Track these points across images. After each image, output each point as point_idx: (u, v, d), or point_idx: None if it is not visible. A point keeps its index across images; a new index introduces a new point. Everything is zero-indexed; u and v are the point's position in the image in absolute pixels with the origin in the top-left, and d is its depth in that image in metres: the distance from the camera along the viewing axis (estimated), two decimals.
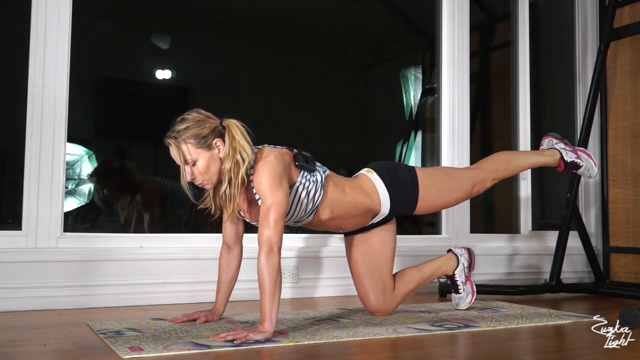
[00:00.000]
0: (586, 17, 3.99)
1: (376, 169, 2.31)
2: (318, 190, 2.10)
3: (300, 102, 3.63)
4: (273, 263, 1.87)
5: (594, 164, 2.54)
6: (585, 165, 2.52)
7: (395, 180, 2.28)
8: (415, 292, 2.45)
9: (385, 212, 2.28)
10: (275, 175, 1.95)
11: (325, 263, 3.02)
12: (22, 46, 2.55)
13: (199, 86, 3.42)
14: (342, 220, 2.22)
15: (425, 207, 2.34)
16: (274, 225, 1.90)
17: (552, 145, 2.54)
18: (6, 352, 1.69)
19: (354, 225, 2.28)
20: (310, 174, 2.09)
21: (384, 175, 2.28)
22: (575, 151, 2.52)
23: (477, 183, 2.40)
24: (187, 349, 1.70)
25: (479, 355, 1.83)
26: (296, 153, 2.10)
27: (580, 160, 2.51)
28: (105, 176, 3.10)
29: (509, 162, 2.48)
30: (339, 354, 1.74)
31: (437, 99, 3.57)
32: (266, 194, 1.93)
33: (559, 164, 2.51)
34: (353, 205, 2.20)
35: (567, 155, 2.50)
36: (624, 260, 3.65)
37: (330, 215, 2.17)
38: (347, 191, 2.19)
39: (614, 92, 3.74)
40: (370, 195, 2.24)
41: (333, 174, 2.22)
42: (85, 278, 2.53)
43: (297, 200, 2.07)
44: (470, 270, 2.56)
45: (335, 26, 3.76)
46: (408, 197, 2.29)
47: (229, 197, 1.99)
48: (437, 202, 2.36)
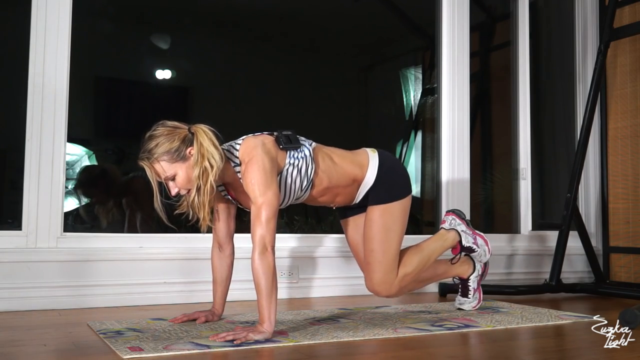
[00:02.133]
0: (586, 17, 3.99)
1: (381, 153, 2.30)
2: (309, 165, 2.09)
3: (300, 102, 3.63)
4: (267, 262, 1.87)
5: (487, 250, 2.49)
6: (479, 252, 2.48)
7: (390, 173, 2.26)
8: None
9: (368, 183, 2.23)
10: (265, 173, 1.93)
11: (324, 263, 3.02)
12: (22, 46, 2.55)
13: (199, 86, 3.43)
14: (335, 190, 2.20)
15: (378, 217, 2.25)
16: (266, 224, 1.90)
17: (454, 225, 2.48)
18: (6, 352, 1.69)
19: (344, 197, 2.25)
20: (297, 151, 2.08)
21: (383, 162, 2.26)
22: (474, 235, 2.48)
23: (399, 268, 2.27)
24: (187, 349, 1.70)
25: (479, 355, 1.83)
26: (277, 136, 2.07)
27: (475, 246, 2.46)
28: (90, 185, 3.08)
29: (419, 262, 2.33)
30: (339, 354, 1.74)
31: (437, 99, 3.57)
32: (256, 193, 1.92)
33: (456, 246, 2.47)
34: (342, 174, 2.19)
35: (465, 239, 2.46)
36: (624, 260, 3.65)
37: (326, 184, 2.16)
38: (335, 160, 2.19)
39: (614, 92, 3.74)
40: (360, 167, 2.23)
41: (320, 145, 2.21)
42: (85, 278, 2.53)
43: (290, 181, 2.06)
44: (482, 278, 2.57)
45: (335, 26, 3.76)
46: (385, 193, 2.25)
47: (198, 206, 1.95)
48: (383, 231, 2.25)
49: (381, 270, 2.23)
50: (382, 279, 2.23)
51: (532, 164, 3.76)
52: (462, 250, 2.47)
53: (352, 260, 3.08)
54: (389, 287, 2.24)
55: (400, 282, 2.27)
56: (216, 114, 3.36)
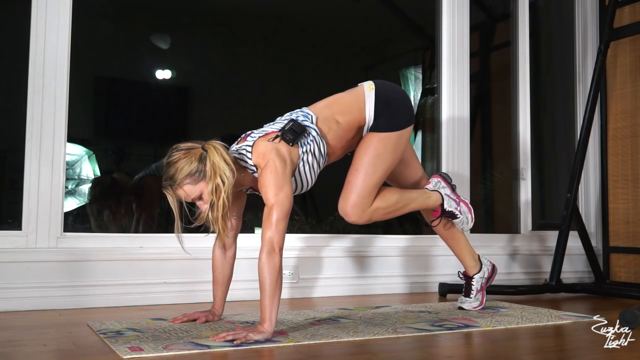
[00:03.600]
0: (586, 17, 3.99)
1: (379, 86, 2.28)
2: (320, 143, 2.13)
3: (300, 102, 3.62)
4: (274, 263, 1.87)
5: (470, 218, 2.48)
6: (461, 219, 2.46)
7: (388, 105, 2.26)
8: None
9: (370, 121, 2.24)
10: (277, 176, 1.96)
11: (325, 263, 3.02)
12: (22, 46, 2.55)
13: (199, 86, 3.42)
14: (346, 143, 2.24)
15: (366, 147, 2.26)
16: (276, 225, 1.91)
17: (438, 187, 2.47)
18: (6, 352, 1.69)
19: (356, 141, 2.28)
20: (304, 136, 2.09)
21: (380, 96, 2.25)
22: (458, 201, 2.47)
23: (375, 200, 2.28)
24: (187, 349, 1.70)
25: (479, 355, 1.83)
26: (282, 135, 2.06)
27: (458, 213, 2.45)
28: (104, 197, 3.10)
29: (396, 202, 2.34)
30: (339, 354, 1.74)
31: (437, 99, 3.57)
32: (269, 195, 1.95)
33: (437, 209, 2.46)
34: (348, 129, 2.22)
35: (448, 203, 2.44)
36: (624, 260, 3.65)
37: (339, 147, 2.22)
38: (339, 119, 2.20)
39: (614, 92, 3.74)
40: (360, 111, 2.23)
41: (320, 108, 2.22)
42: (85, 278, 2.53)
43: (308, 167, 2.11)
44: (487, 283, 2.57)
45: (335, 26, 3.75)
46: (384, 124, 2.25)
47: (212, 220, 1.96)
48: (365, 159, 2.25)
49: (358, 193, 2.22)
50: (356, 201, 2.22)
51: (532, 164, 3.76)
52: (442, 214, 2.45)
53: (353, 260, 3.09)
54: (360, 212, 2.24)
55: (372, 213, 2.27)
56: (216, 114, 3.36)
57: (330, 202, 2.62)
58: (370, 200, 2.25)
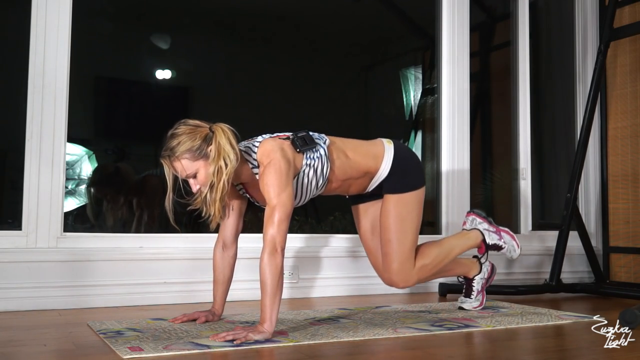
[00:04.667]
0: (586, 17, 3.99)
1: (397, 145, 2.30)
2: (325, 164, 2.11)
3: (300, 102, 3.63)
4: (276, 263, 1.87)
5: (516, 245, 2.48)
6: (507, 247, 2.47)
7: (404, 164, 2.26)
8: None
9: (382, 174, 2.25)
10: (281, 175, 1.95)
11: (324, 263, 3.02)
12: (22, 46, 2.55)
13: (199, 86, 3.42)
14: (349, 182, 2.23)
15: (392, 208, 2.27)
16: (279, 225, 1.91)
17: (475, 225, 2.48)
18: (6, 352, 1.69)
19: (357, 187, 2.28)
20: (313, 151, 2.09)
21: (397, 153, 2.26)
22: (498, 232, 2.48)
23: (417, 259, 2.28)
24: (187, 349, 1.70)
25: (479, 355, 1.83)
26: (293, 139, 2.07)
27: (502, 242, 2.46)
28: (103, 183, 3.09)
29: (437, 255, 2.34)
30: (339, 354, 1.74)
31: (437, 99, 3.57)
32: (271, 194, 1.94)
33: (480, 246, 2.47)
34: (356, 168, 2.21)
35: (489, 237, 2.46)
36: (624, 260, 3.65)
37: (340, 179, 2.19)
38: (349, 155, 2.20)
39: (614, 92, 3.74)
40: (375, 158, 2.24)
41: (334, 139, 2.22)
42: (85, 278, 2.53)
43: (307, 181, 2.09)
44: (487, 283, 2.57)
45: (335, 26, 3.75)
46: (399, 184, 2.25)
47: (210, 202, 1.97)
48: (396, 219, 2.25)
49: (398, 260, 2.24)
50: (399, 268, 2.24)
51: (532, 164, 3.76)
52: (487, 249, 2.47)
53: (353, 260, 3.08)
54: (407, 277, 2.25)
55: (419, 273, 2.28)
56: (216, 114, 3.33)
57: (331, 202, 2.63)
58: (411, 263, 2.26)
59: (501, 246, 2.47)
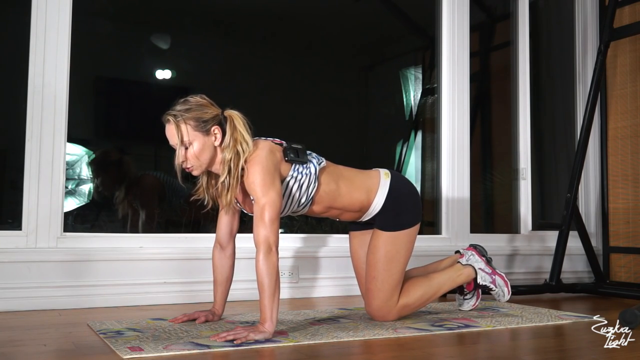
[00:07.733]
0: (586, 17, 3.99)
1: (394, 178, 2.25)
2: (312, 183, 2.08)
3: (300, 102, 3.63)
4: (272, 263, 1.87)
5: (507, 291, 2.41)
6: (497, 291, 2.41)
7: (399, 200, 2.22)
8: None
9: (375, 209, 2.21)
10: (267, 173, 1.93)
11: (324, 263, 3.02)
12: (22, 46, 2.55)
13: (199, 86, 3.42)
14: (339, 211, 2.20)
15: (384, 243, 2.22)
16: (270, 224, 1.89)
17: (472, 262, 2.41)
18: (6, 352, 1.69)
19: (350, 217, 2.25)
20: (303, 166, 2.07)
21: (394, 188, 2.21)
22: (493, 274, 2.41)
23: (400, 297, 2.24)
24: (187, 349, 1.70)
25: (479, 355, 1.83)
26: (285, 147, 2.06)
27: (493, 286, 2.40)
28: (103, 167, 3.09)
29: (421, 296, 2.28)
30: (339, 354, 1.74)
31: (437, 99, 3.57)
32: (259, 193, 1.92)
33: (470, 283, 2.42)
34: (347, 202, 2.17)
35: (481, 277, 2.39)
36: (624, 260, 3.65)
37: (327, 206, 2.15)
38: (340, 186, 2.15)
39: (614, 92, 3.74)
40: (368, 193, 2.20)
41: (331, 165, 2.19)
42: (85, 278, 2.53)
43: (288, 194, 2.05)
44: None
45: (335, 26, 3.75)
46: (392, 221, 2.21)
47: (226, 187, 1.98)
48: (385, 255, 2.21)
49: (380, 298, 2.21)
50: (379, 306, 2.21)
51: (532, 164, 3.77)
52: (475, 288, 2.43)
53: None
54: (387, 314, 2.22)
55: (400, 311, 2.24)
56: None
57: None
58: (394, 300, 2.22)
59: (491, 289, 2.41)
